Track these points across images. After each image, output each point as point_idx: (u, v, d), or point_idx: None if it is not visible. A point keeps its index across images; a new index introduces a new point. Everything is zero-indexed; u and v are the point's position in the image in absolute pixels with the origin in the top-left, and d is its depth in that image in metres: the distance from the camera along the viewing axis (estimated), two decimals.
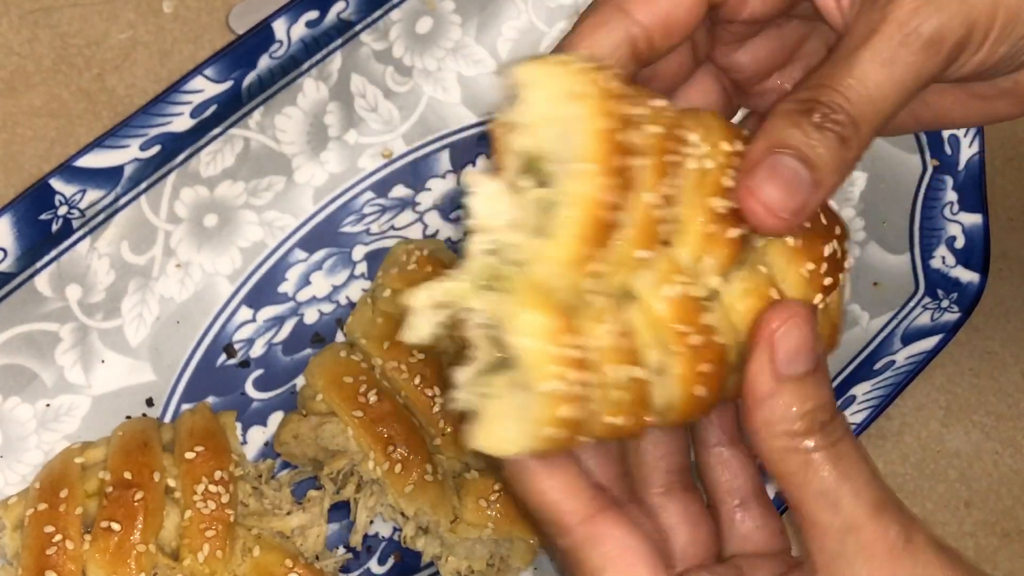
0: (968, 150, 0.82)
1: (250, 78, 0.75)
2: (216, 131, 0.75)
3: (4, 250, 0.70)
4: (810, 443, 0.46)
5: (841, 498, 0.46)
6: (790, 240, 0.48)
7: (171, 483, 0.67)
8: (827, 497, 0.46)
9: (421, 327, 0.44)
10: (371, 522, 0.74)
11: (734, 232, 0.46)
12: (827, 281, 0.49)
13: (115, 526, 0.64)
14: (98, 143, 0.72)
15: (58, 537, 0.64)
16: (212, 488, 0.66)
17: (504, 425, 0.44)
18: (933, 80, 0.48)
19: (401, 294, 0.73)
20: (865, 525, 0.46)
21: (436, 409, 0.70)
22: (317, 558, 0.70)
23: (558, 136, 0.43)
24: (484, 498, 0.70)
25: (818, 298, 0.49)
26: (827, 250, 0.49)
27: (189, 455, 0.67)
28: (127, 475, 0.66)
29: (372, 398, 0.70)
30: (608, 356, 0.44)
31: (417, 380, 0.71)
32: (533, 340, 0.42)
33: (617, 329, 0.44)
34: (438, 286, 0.44)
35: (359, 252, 0.79)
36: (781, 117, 0.46)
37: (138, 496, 0.65)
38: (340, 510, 0.74)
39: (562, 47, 0.49)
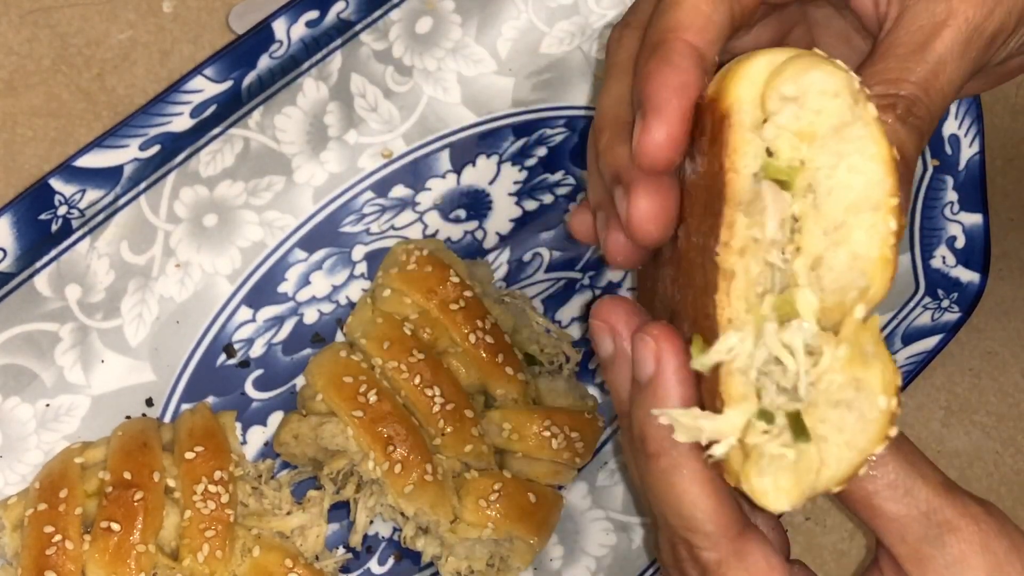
0: (968, 150, 0.82)
1: (250, 78, 0.75)
2: (216, 131, 0.75)
3: (4, 250, 0.70)
4: None
5: (913, 485, 0.47)
6: None
7: (171, 483, 0.67)
8: (898, 488, 0.47)
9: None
10: (371, 522, 0.73)
11: None
12: None
13: (115, 526, 0.64)
14: (98, 143, 0.72)
15: (58, 537, 0.64)
16: (212, 488, 0.66)
17: (787, 480, 0.45)
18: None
19: (402, 294, 0.73)
20: (943, 506, 0.47)
21: (436, 409, 0.70)
22: (317, 558, 0.70)
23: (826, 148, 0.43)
24: (484, 498, 0.70)
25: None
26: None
27: (189, 455, 0.67)
28: (127, 475, 0.66)
29: (372, 398, 0.70)
30: None
31: (417, 380, 0.71)
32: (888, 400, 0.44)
33: None
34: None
35: (359, 252, 0.79)
36: None
37: (138, 496, 0.65)
38: (340, 510, 0.74)
39: (670, 24, 0.48)
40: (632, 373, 0.49)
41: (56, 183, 0.71)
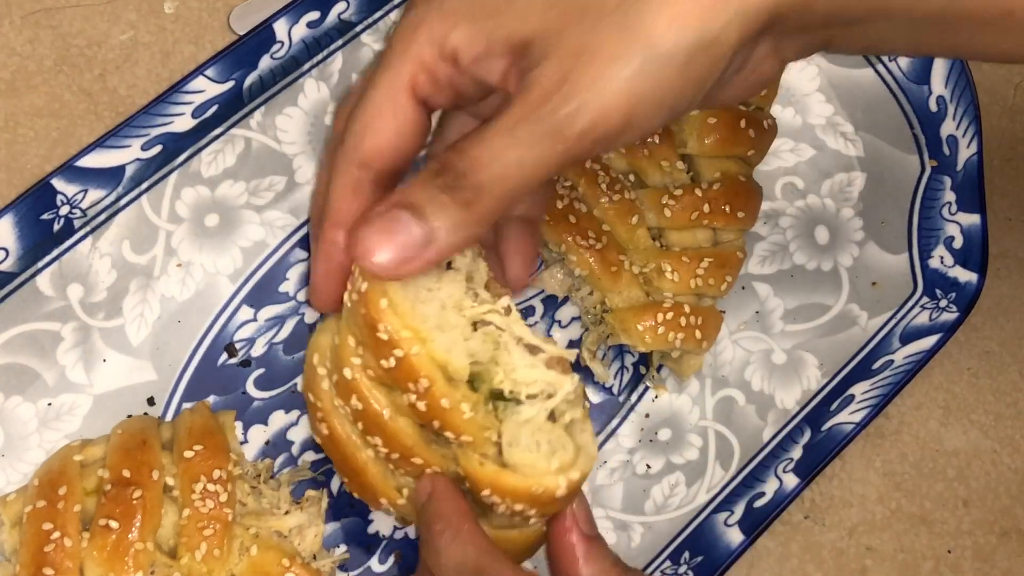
0: (966, 150, 0.82)
1: (251, 78, 0.75)
2: (217, 131, 0.76)
3: (6, 250, 0.70)
4: None
5: None
6: None
7: (170, 481, 0.67)
8: None
9: None
10: (371, 521, 0.74)
11: None
12: None
13: (113, 524, 0.64)
14: (99, 143, 0.72)
15: (56, 534, 0.64)
16: (210, 487, 0.66)
17: None
18: (576, 162, 0.51)
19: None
20: None
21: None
22: (315, 558, 0.70)
23: None
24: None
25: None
26: None
27: (188, 454, 0.67)
28: (126, 473, 0.66)
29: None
30: None
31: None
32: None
33: None
34: None
35: None
36: (415, 182, 0.51)
37: (136, 494, 0.65)
38: (339, 510, 0.74)
39: (325, 215, 0.57)
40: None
41: (58, 183, 0.71)
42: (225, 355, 0.76)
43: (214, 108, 0.74)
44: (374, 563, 0.74)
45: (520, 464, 0.56)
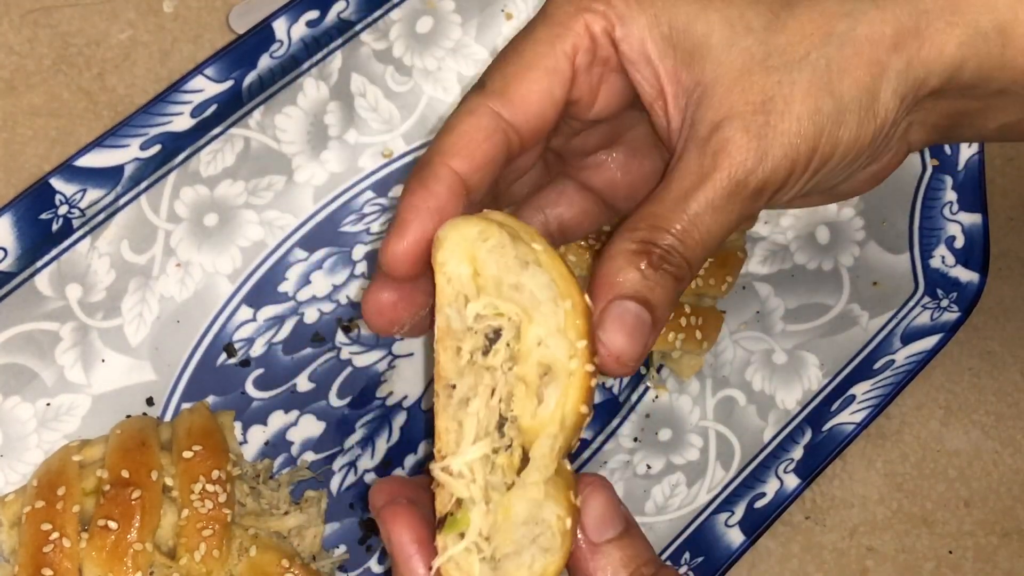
0: (968, 150, 0.82)
1: (250, 78, 0.75)
2: (216, 130, 0.75)
3: (4, 249, 0.70)
4: None
5: None
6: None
7: (169, 482, 0.67)
8: None
9: None
10: (371, 521, 0.74)
11: None
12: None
13: (112, 524, 0.64)
14: (98, 143, 0.72)
15: (55, 535, 0.64)
16: (209, 487, 0.66)
17: None
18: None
19: None
20: None
21: None
22: (314, 558, 0.70)
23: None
24: None
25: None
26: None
27: (187, 454, 0.67)
28: (124, 474, 0.66)
29: None
30: None
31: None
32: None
33: None
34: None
35: (359, 251, 0.79)
36: (621, 258, 0.49)
37: (135, 495, 0.65)
38: (339, 510, 0.74)
39: (439, 148, 0.51)
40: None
41: (57, 183, 0.71)
42: (224, 355, 0.76)
43: (213, 107, 0.74)
44: (373, 563, 0.74)
45: None
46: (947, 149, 0.82)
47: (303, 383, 0.76)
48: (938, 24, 0.50)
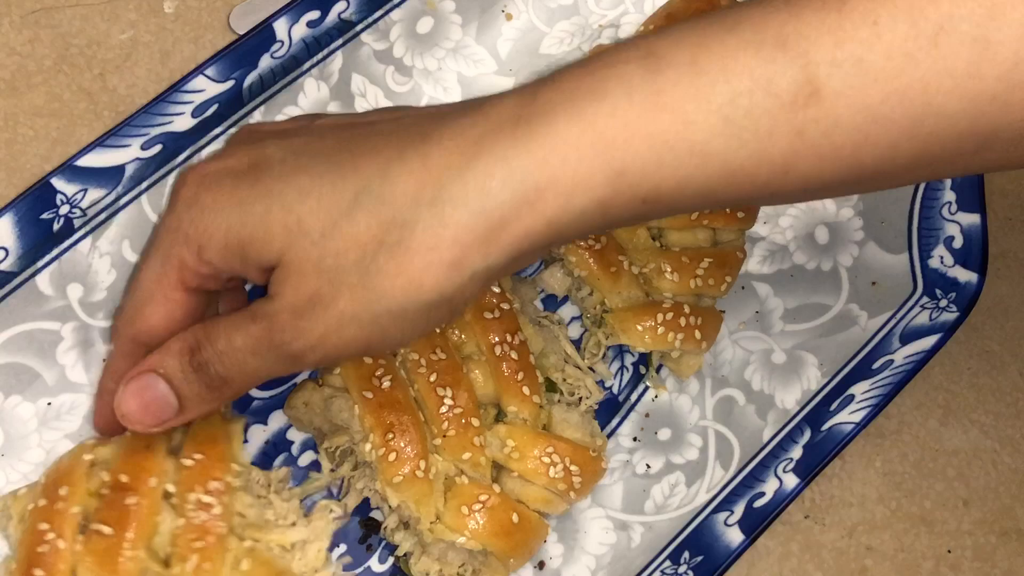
0: None
1: (251, 78, 0.75)
2: (217, 130, 0.75)
3: (5, 249, 0.70)
4: None
5: None
6: None
7: (171, 488, 0.66)
8: None
9: None
10: (372, 521, 0.74)
11: None
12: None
13: (106, 529, 0.63)
14: (99, 142, 0.72)
15: (51, 535, 0.63)
16: (204, 498, 0.65)
17: None
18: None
19: None
20: None
21: (444, 410, 0.70)
22: (315, 572, 0.68)
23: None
24: (468, 505, 0.69)
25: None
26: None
27: (187, 462, 0.65)
28: (123, 478, 0.64)
29: (386, 383, 0.70)
30: None
31: (433, 377, 0.71)
32: None
33: None
34: None
35: None
36: (173, 347, 0.58)
37: (131, 500, 0.64)
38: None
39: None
40: None
41: (58, 182, 0.71)
42: None
43: (214, 107, 0.74)
44: (374, 563, 0.74)
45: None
46: None
47: None
48: (523, 209, 0.51)
